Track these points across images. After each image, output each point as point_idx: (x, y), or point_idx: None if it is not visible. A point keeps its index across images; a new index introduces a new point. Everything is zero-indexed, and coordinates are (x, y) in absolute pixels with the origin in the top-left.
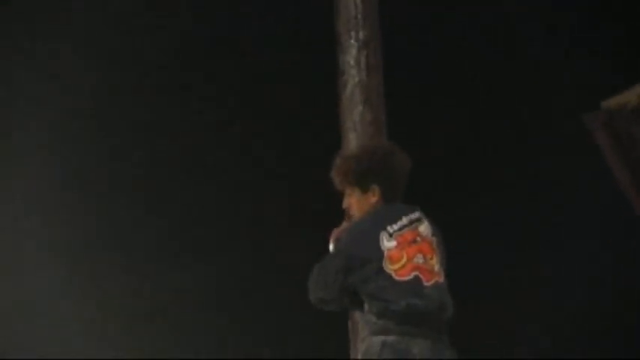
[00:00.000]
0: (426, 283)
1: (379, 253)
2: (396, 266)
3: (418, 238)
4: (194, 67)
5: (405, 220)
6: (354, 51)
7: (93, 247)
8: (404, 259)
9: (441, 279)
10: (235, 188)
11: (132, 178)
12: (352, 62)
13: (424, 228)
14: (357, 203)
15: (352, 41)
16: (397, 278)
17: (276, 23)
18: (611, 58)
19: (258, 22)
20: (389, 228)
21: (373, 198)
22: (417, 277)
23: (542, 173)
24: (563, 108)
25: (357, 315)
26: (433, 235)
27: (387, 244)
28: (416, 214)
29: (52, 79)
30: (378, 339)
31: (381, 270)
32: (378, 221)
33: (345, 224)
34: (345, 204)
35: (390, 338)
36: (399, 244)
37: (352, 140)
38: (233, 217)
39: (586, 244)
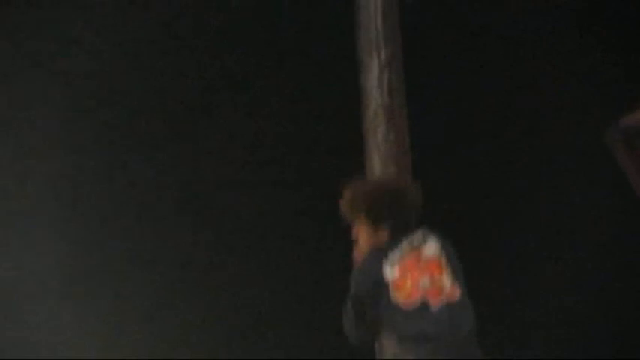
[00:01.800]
0: (433, 308)
1: (384, 285)
2: (402, 294)
3: (422, 261)
4: (215, 89)
5: (405, 246)
6: (376, 71)
7: (96, 247)
8: (408, 285)
9: (455, 295)
10: (254, 210)
11: (135, 173)
12: (375, 83)
13: (428, 248)
14: (365, 236)
15: (374, 62)
16: (404, 308)
17: (298, 44)
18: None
19: (280, 43)
20: (391, 257)
21: (383, 238)
22: (423, 303)
23: (543, 174)
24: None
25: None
26: (441, 252)
27: (390, 273)
28: (417, 237)
29: (53, 76)
30: None
31: (389, 302)
32: (379, 255)
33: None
34: (354, 234)
35: None
36: (402, 271)
37: (376, 160)
38: (250, 238)
39: (587, 245)
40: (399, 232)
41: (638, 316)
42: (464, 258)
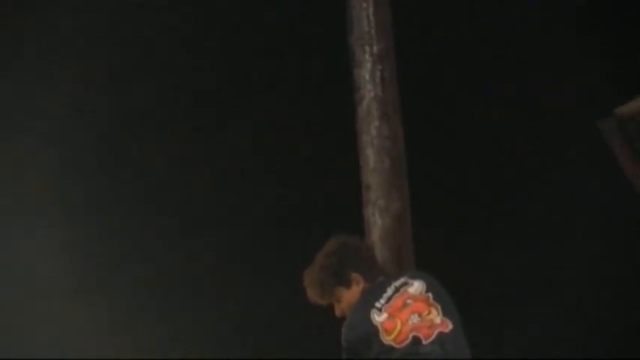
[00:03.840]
0: (425, 341)
1: (374, 330)
2: (393, 335)
3: (409, 301)
4: (208, 99)
5: (389, 291)
6: (368, 65)
7: (99, 246)
8: (398, 326)
9: (447, 328)
10: (247, 209)
11: (138, 173)
12: (367, 77)
13: (414, 288)
14: (347, 303)
15: (367, 56)
16: (397, 346)
17: (288, 40)
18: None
19: (271, 39)
20: (377, 304)
21: (358, 287)
22: (415, 338)
23: (543, 175)
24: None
25: None
26: (427, 290)
27: (379, 318)
28: (400, 280)
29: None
30: None
31: (382, 345)
32: (365, 303)
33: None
34: (337, 312)
35: None
36: (389, 314)
37: (370, 156)
38: (243, 239)
39: (587, 246)
40: (370, 274)
41: (638, 316)
42: (458, 254)
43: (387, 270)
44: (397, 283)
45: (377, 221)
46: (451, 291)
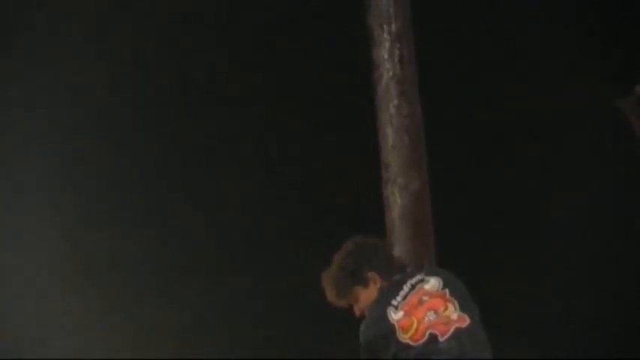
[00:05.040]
0: (441, 338)
1: (392, 328)
2: (410, 334)
3: (425, 297)
4: (216, 67)
5: (406, 288)
6: (387, 44)
7: (96, 244)
8: (415, 324)
9: (465, 323)
10: (265, 187)
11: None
12: (386, 56)
13: (430, 285)
14: (365, 302)
15: (385, 35)
16: (413, 344)
17: (306, 19)
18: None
19: (288, 19)
20: (393, 302)
21: (376, 285)
22: (431, 335)
23: (543, 174)
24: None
25: None
26: (444, 287)
27: (395, 316)
28: (417, 277)
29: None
30: None
31: (399, 343)
32: (382, 302)
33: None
34: (357, 312)
35: None
36: (406, 312)
37: (389, 134)
38: (258, 219)
39: (587, 246)
40: (386, 272)
41: (638, 316)
42: (467, 233)
43: (406, 266)
44: (413, 281)
45: (396, 200)
46: (467, 270)
